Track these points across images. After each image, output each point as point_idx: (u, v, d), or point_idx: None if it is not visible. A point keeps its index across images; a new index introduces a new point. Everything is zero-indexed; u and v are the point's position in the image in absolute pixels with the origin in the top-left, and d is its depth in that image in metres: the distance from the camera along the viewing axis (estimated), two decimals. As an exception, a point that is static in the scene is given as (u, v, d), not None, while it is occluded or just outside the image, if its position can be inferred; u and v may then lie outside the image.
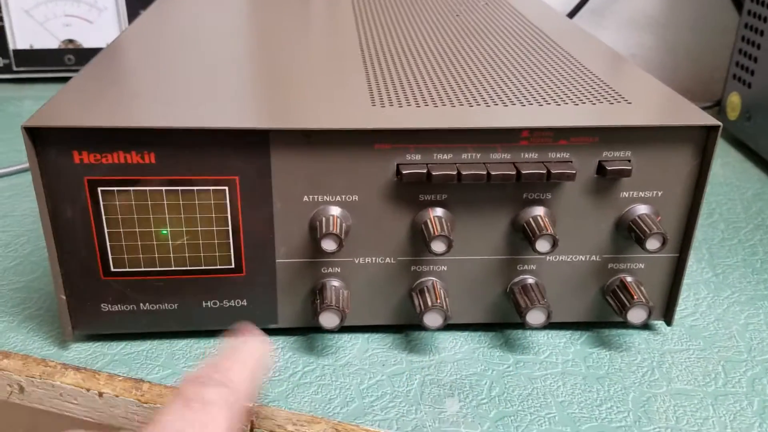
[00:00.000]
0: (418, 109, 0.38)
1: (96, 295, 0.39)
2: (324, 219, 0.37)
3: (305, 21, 0.57)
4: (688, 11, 0.87)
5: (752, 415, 0.36)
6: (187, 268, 0.38)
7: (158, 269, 0.38)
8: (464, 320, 0.41)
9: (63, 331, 0.39)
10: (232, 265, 0.39)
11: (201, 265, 0.38)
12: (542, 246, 0.37)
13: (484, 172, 0.36)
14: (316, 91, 0.40)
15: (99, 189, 0.36)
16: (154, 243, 0.37)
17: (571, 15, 0.86)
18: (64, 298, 0.38)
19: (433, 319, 0.38)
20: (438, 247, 0.37)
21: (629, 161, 0.37)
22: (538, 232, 0.37)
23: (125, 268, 0.38)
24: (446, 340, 0.41)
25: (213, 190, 0.37)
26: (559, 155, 0.37)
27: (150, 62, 0.44)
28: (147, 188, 0.36)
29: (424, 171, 0.36)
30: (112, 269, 0.38)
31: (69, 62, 0.82)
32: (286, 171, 0.37)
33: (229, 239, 0.38)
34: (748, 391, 0.38)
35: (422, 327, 0.39)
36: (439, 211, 0.38)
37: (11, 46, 0.81)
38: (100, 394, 0.37)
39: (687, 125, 0.37)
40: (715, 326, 0.43)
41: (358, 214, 0.38)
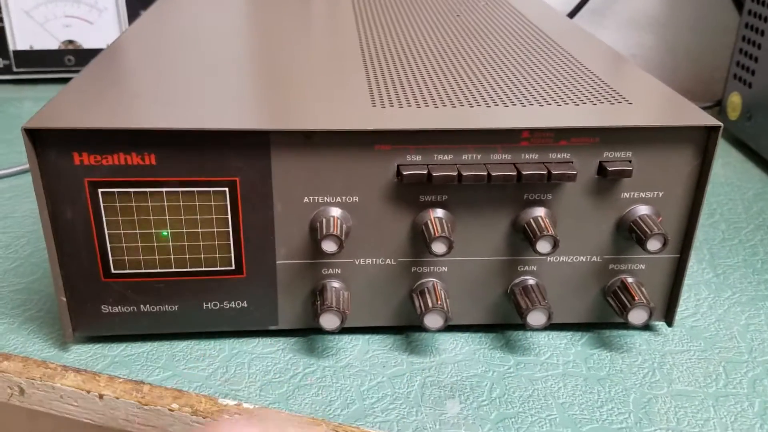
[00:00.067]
0: (419, 110, 0.38)
1: (96, 296, 0.39)
2: (324, 220, 0.37)
3: (305, 21, 0.57)
4: (688, 11, 0.87)
5: (753, 416, 0.36)
6: (188, 269, 0.38)
7: (159, 271, 0.38)
8: (465, 321, 0.41)
9: (63, 332, 0.39)
10: (233, 267, 0.38)
11: (201, 267, 0.38)
12: (543, 247, 0.37)
13: (484, 173, 0.36)
14: (317, 92, 0.40)
15: (99, 190, 0.36)
16: (155, 244, 0.37)
17: (571, 15, 0.86)
18: (64, 299, 0.38)
19: (433, 321, 0.38)
20: (438, 248, 0.37)
21: (630, 162, 0.37)
22: (538, 232, 0.37)
23: (126, 269, 0.38)
24: (447, 341, 0.41)
25: (213, 191, 0.37)
26: (559, 156, 0.37)
27: (150, 63, 0.44)
28: (147, 189, 0.36)
29: (425, 172, 0.36)
30: (113, 271, 0.38)
31: (69, 63, 0.82)
32: (287, 172, 0.37)
33: (229, 240, 0.38)
34: (749, 392, 0.38)
35: (423, 328, 0.39)
36: (440, 212, 0.38)
37: (11, 47, 0.80)
38: (101, 396, 0.37)
39: (688, 126, 0.37)
40: (716, 327, 0.43)
41: (359, 215, 0.38)
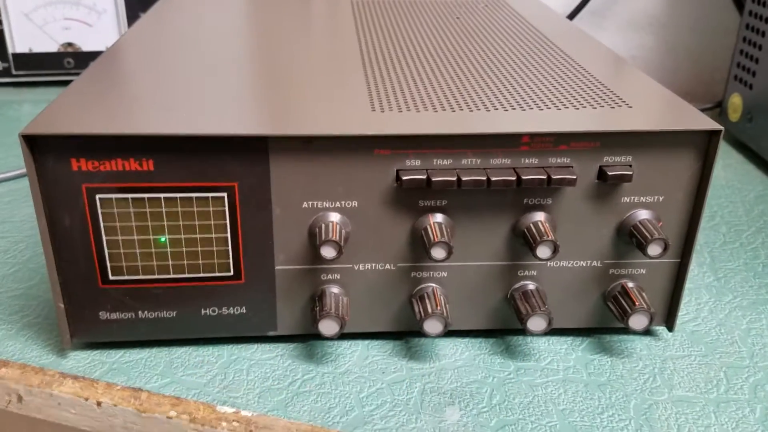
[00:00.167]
0: (418, 115, 0.38)
1: (94, 303, 0.38)
2: (323, 225, 0.37)
3: (305, 25, 0.57)
4: (688, 12, 0.87)
5: (754, 422, 0.36)
6: (186, 275, 0.38)
7: (157, 277, 0.38)
8: (465, 327, 0.41)
9: (61, 339, 0.39)
10: (231, 273, 0.38)
11: (200, 273, 0.38)
12: (543, 252, 0.37)
13: (484, 178, 0.36)
14: (315, 97, 0.40)
15: (97, 196, 0.36)
16: (153, 250, 0.37)
17: (571, 16, 0.86)
18: (62, 306, 0.38)
19: (433, 326, 0.38)
20: (438, 253, 0.37)
21: (630, 166, 0.37)
22: (538, 238, 0.37)
23: (123, 275, 0.38)
24: (446, 346, 0.41)
25: (212, 197, 0.36)
26: (559, 160, 0.37)
27: (149, 67, 0.44)
28: (145, 195, 0.36)
29: (424, 177, 0.36)
30: (111, 277, 0.38)
31: (68, 66, 0.82)
32: (285, 177, 0.36)
33: (227, 246, 0.38)
34: (750, 397, 0.38)
35: (422, 334, 0.38)
36: (439, 217, 0.38)
37: (10, 50, 0.80)
38: (99, 404, 0.37)
39: (688, 130, 0.37)
40: (717, 332, 0.43)
41: (358, 220, 0.38)
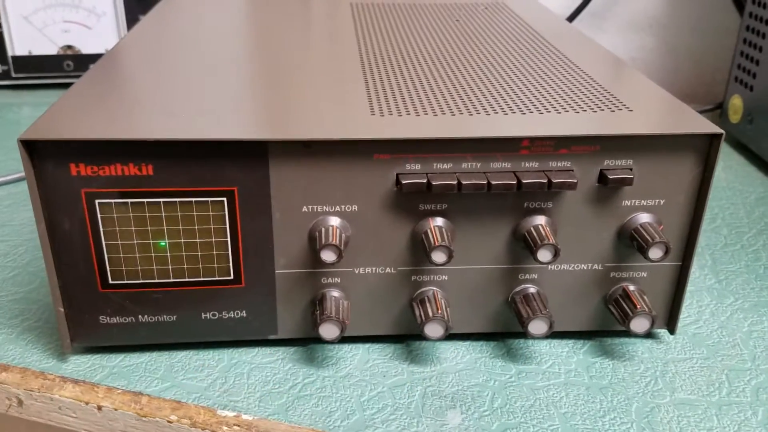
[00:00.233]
0: (418, 119, 0.37)
1: (94, 307, 0.38)
2: (323, 229, 0.37)
3: (304, 29, 0.56)
4: (689, 13, 0.87)
5: (757, 425, 0.36)
6: (186, 279, 0.38)
7: (157, 281, 0.38)
8: (465, 330, 0.41)
9: (62, 343, 0.39)
10: (231, 277, 0.38)
11: (200, 277, 0.38)
12: (544, 256, 0.37)
13: (484, 182, 0.36)
14: (315, 101, 0.40)
15: (96, 201, 0.36)
16: (153, 255, 0.37)
17: (571, 18, 0.85)
18: (62, 310, 0.38)
19: (434, 330, 0.38)
20: (438, 257, 0.37)
21: (631, 170, 0.37)
22: (539, 241, 0.37)
23: (123, 280, 0.38)
24: (447, 350, 0.41)
25: (211, 201, 0.36)
26: (560, 164, 0.37)
27: (148, 71, 0.44)
28: (145, 200, 0.36)
29: (424, 181, 0.36)
30: (110, 281, 0.38)
31: (68, 68, 0.82)
32: (285, 181, 0.36)
33: (227, 250, 0.38)
34: (752, 400, 0.38)
35: (423, 337, 0.38)
36: (440, 221, 0.38)
37: (10, 53, 0.80)
38: (99, 408, 0.37)
39: (689, 133, 0.37)
40: (719, 334, 0.43)
41: (358, 224, 0.38)
